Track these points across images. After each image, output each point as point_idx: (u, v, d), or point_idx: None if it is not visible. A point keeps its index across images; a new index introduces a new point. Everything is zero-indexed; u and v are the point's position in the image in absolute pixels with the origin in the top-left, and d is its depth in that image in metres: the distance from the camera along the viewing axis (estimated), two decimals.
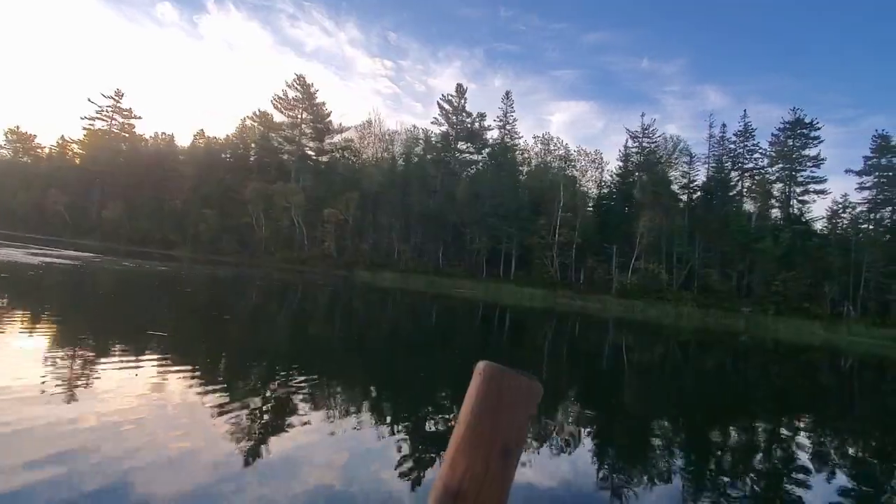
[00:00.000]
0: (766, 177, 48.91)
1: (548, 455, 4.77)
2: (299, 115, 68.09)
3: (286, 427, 4.46)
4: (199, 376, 5.90)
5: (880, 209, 41.70)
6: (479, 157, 68.95)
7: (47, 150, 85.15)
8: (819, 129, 47.61)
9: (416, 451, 4.34)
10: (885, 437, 7.85)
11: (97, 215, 70.60)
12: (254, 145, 73.39)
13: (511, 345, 14.14)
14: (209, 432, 4.04)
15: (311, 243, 59.49)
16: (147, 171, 73.89)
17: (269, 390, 5.84)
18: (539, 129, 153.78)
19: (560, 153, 70.37)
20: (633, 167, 54.14)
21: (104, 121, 75.63)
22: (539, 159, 65.80)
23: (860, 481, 5.20)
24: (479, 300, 34.46)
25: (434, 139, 69.05)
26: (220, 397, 5.08)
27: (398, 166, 62.81)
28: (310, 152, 68.32)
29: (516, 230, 47.53)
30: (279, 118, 69.09)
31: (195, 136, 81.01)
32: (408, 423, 5.19)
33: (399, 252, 54.80)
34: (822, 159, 47.70)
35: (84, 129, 75.47)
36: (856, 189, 43.84)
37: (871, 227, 41.12)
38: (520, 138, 65.29)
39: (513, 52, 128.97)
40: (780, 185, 48.11)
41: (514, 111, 65.36)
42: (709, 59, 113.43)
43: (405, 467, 3.93)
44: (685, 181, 51.19)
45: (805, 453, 5.87)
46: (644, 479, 4.46)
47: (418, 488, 3.52)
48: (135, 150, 77.39)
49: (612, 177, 56.37)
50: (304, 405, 5.24)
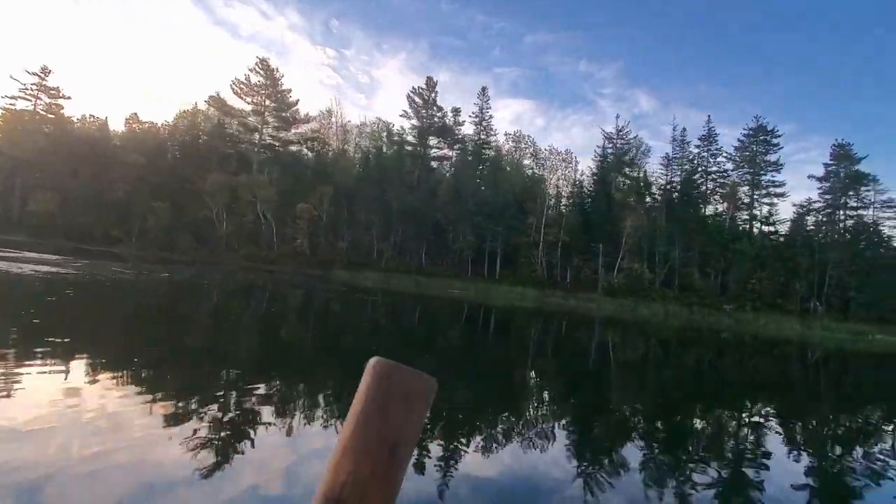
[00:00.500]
0: (735, 181, 51.75)
1: (523, 447, 4.90)
2: (262, 102, 63.38)
3: (227, 438, 4.09)
4: (118, 384, 5.34)
5: (838, 212, 45.42)
6: (452, 153, 67.93)
7: None
8: (779, 136, 51.14)
9: None
10: (838, 418, 8.86)
11: (21, 208, 61.99)
12: (206, 133, 67.56)
13: (518, 346, 14.70)
14: (132, 443, 3.79)
15: (280, 240, 55.61)
16: (82, 159, 65.83)
17: (216, 401, 5.28)
18: (454, 125, 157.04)
19: (530, 150, 71.05)
20: (609, 167, 55.26)
21: (28, 100, 66.41)
22: (509, 157, 65.89)
23: (818, 460, 5.72)
24: (473, 301, 33.46)
25: (408, 133, 67.14)
26: (149, 408, 4.60)
27: (370, 160, 60.16)
28: (274, 143, 63.76)
29: (503, 229, 46.93)
30: (239, 105, 63.98)
31: (128, 119, 73.39)
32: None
33: (378, 251, 52.50)
34: (781, 164, 51.32)
35: (2, 109, 65.81)
36: (819, 193, 47.41)
37: (831, 229, 44.59)
38: (495, 135, 64.87)
39: (457, 47, 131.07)
40: (746, 188, 51.08)
41: (489, 107, 64.70)
42: (640, 65, 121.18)
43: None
44: (662, 182, 53.00)
45: (767, 435, 6.62)
46: (615, 465, 4.64)
47: None
48: (64, 133, 68.66)
49: (589, 177, 57.25)
50: (261, 416, 4.85)
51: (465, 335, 15.87)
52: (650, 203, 48.47)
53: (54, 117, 69.29)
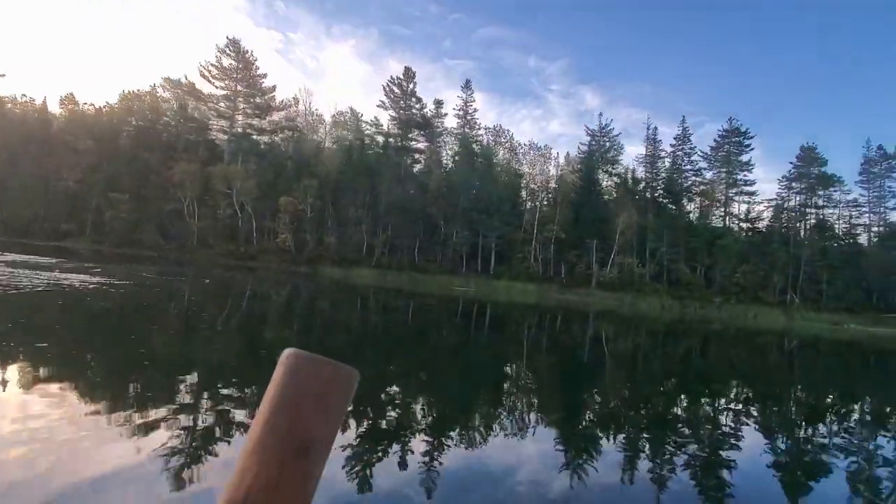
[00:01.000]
0: (712, 179, 54.49)
1: (515, 434, 5.03)
2: (234, 87, 59.05)
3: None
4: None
5: (808, 210, 49.03)
6: (434, 146, 66.75)
7: None
8: (752, 137, 54.31)
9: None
10: (808, 400, 9.87)
11: None
12: (169, 118, 62.21)
13: (544, 339, 15.46)
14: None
15: (259, 235, 52.29)
16: (20, 144, 58.57)
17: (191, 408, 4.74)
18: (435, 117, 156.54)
19: (507, 145, 71.03)
20: (595, 163, 56.37)
21: None
22: (496, 150, 65.59)
23: (788, 439, 6.19)
24: (480, 298, 32.90)
25: (387, 126, 65.18)
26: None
27: (353, 152, 57.70)
28: (250, 131, 59.70)
29: (501, 224, 46.67)
30: (207, 89, 59.24)
31: (63, 100, 66.02)
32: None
33: (368, 247, 50.64)
34: (752, 164, 54.59)
35: None
36: (792, 193, 50.83)
37: (802, 226, 48.04)
38: (480, 129, 64.35)
39: (408, 37, 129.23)
40: (721, 186, 53.89)
41: (473, 101, 64.03)
42: (587, 62, 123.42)
43: None
44: (642, 180, 54.66)
45: (744, 416, 7.21)
46: (601, 450, 4.82)
47: None
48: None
49: (570, 172, 58.07)
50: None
51: (516, 333, 16.42)
52: (639, 200, 49.93)
53: None
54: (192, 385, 5.72)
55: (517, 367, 9.90)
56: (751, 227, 49.29)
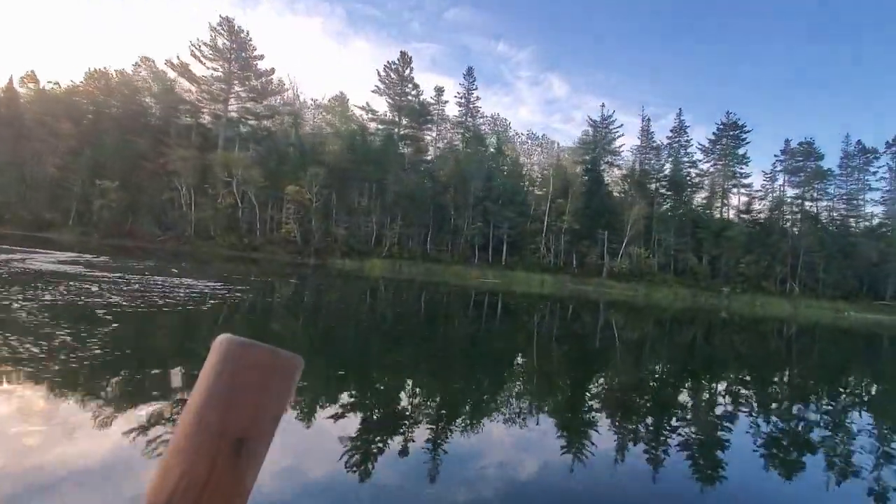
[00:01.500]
0: (711, 171, 56.00)
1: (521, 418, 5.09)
2: (228, 69, 56.00)
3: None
4: None
5: (805, 203, 51.22)
6: (433, 134, 65.80)
7: None
8: (749, 131, 56.06)
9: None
10: (798, 376, 10.54)
11: None
12: (156, 101, 58.65)
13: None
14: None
15: (261, 226, 50.35)
16: None
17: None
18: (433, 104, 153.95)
19: (506, 134, 70.76)
20: (599, 155, 56.92)
21: None
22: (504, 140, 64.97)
23: (780, 418, 6.42)
24: (503, 289, 32.93)
25: (390, 112, 63.62)
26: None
27: (356, 139, 56.04)
28: (247, 116, 56.96)
29: (514, 215, 46.61)
30: (199, 70, 55.95)
31: (24, 79, 61.17)
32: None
33: (377, 237, 49.65)
34: (749, 158, 56.43)
35: None
36: (776, 185, 52.97)
37: (801, 218, 50.09)
38: (482, 117, 63.72)
39: (375, 18, 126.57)
40: (720, 179, 55.53)
41: (475, 88, 63.14)
42: (554, 50, 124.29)
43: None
44: (654, 171, 55.56)
45: (743, 397, 7.57)
46: (604, 431, 4.98)
47: None
48: None
49: (580, 164, 58.44)
50: None
51: (548, 321, 17.20)
52: (647, 191, 50.83)
53: None
54: None
55: (543, 353, 10.26)
56: (751, 219, 51.14)
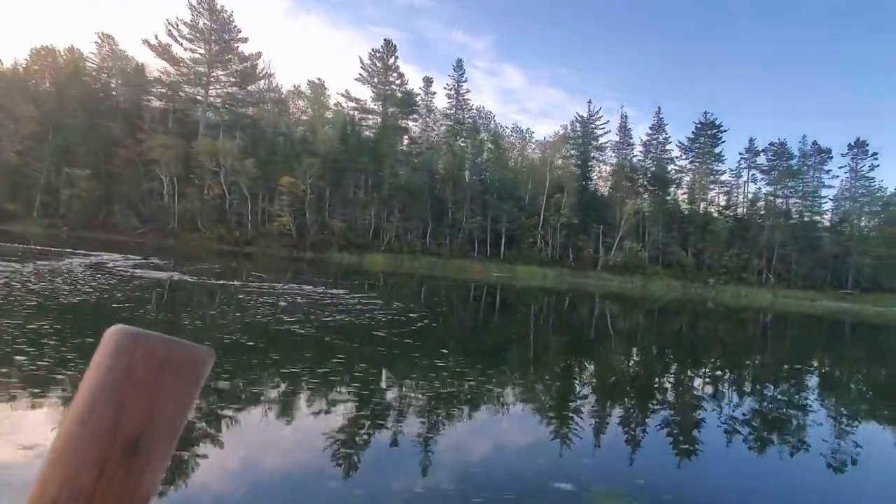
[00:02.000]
0: (690, 168, 58.88)
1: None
2: (209, 51, 52.68)
3: None
4: None
5: (777, 200, 54.99)
6: (416, 126, 65.06)
7: None
8: (725, 131, 59.30)
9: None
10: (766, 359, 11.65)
11: None
12: (125, 83, 54.46)
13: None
14: None
15: (253, 218, 48.22)
16: None
17: None
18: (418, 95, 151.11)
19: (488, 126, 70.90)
20: (588, 151, 58.42)
21: None
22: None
23: (753, 397, 7.16)
24: (508, 283, 33.63)
25: (372, 102, 62.24)
26: None
27: (347, 129, 54.51)
28: (232, 103, 53.90)
29: (512, 208, 47.19)
30: (176, 52, 52.28)
31: None
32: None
33: (376, 230, 48.82)
34: (724, 157, 59.77)
35: None
36: (765, 184, 56.59)
37: (774, 215, 53.67)
38: (471, 110, 63.51)
39: None
40: (698, 176, 58.48)
41: (465, 80, 62.83)
42: (512, 40, 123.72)
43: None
44: (643, 168, 57.59)
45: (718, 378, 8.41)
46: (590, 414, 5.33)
47: None
48: None
49: (570, 160, 59.69)
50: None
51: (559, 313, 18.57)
52: (637, 187, 52.82)
53: None
54: None
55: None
56: (730, 214, 54.41)
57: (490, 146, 52.44)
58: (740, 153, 60.90)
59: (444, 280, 30.78)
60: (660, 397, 6.61)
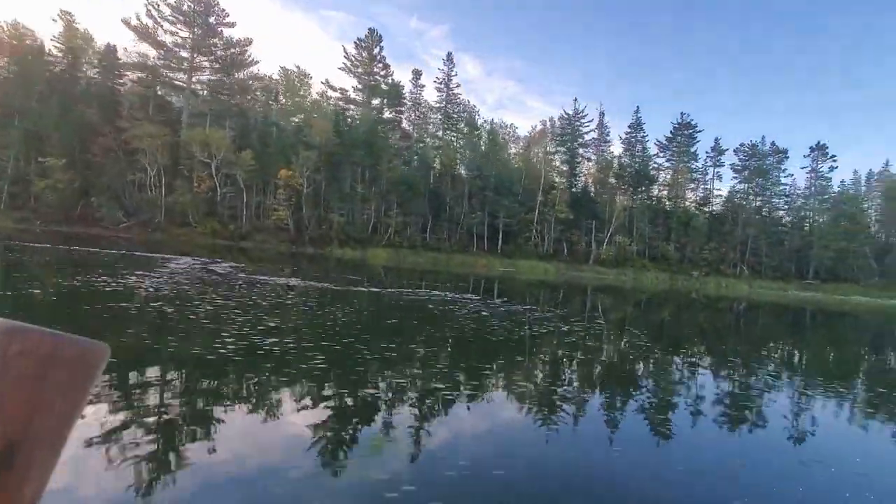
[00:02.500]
0: (669, 166, 62.00)
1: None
2: (191, 34, 49.82)
3: None
4: None
5: (750, 196, 58.98)
6: (402, 118, 64.57)
7: None
8: (700, 131, 62.79)
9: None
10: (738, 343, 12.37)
11: None
12: (101, 67, 50.73)
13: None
14: None
15: (247, 212, 46.50)
16: None
17: None
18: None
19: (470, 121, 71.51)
20: (575, 148, 60.22)
21: None
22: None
23: (726, 379, 7.42)
24: (520, 277, 34.73)
25: (356, 92, 61.20)
26: None
27: (340, 121, 53.35)
28: (220, 91, 51.31)
29: (517, 205, 48.17)
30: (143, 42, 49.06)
31: None
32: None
33: (374, 226, 48.39)
34: (699, 156, 63.38)
35: None
36: (737, 182, 60.48)
37: (746, 210, 57.66)
38: (461, 104, 63.64)
39: None
40: (678, 174, 61.70)
41: (455, 74, 62.85)
42: (468, 29, 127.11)
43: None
44: (627, 165, 59.98)
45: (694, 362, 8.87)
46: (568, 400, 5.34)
47: None
48: None
49: (558, 157, 61.28)
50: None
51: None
52: (635, 187, 55.16)
53: None
54: None
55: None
56: (707, 210, 57.96)
57: (486, 141, 53.00)
58: (707, 152, 64.96)
59: (459, 275, 31.13)
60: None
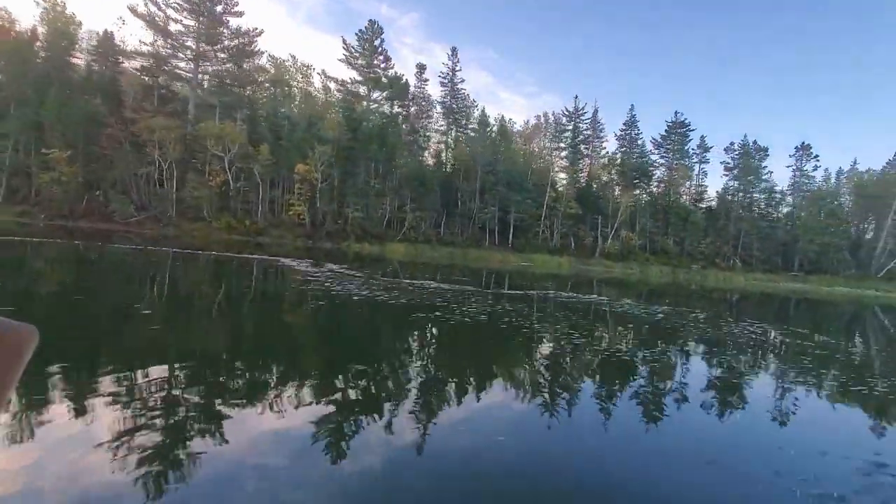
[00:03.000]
0: (663, 163, 64.58)
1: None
2: (197, 22, 48.37)
3: None
4: None
5: (740, 193, 62.17)
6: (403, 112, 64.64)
7: None
8: (693, 130, 65.51)
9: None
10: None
11: None
12: (90, 54, 48.77)
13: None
14: None
15: (263, 207, 45.95)
16: None
17: None
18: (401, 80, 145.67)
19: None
20: (579, 145, 61.93)
21: None
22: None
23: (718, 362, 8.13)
24: (536, 271, 36.14)
25: (371, 85, 60.79)
26: None
27: (350, 114, 53.07)
28: (229, 82, 50.06)
29: (530, 200, 49.39)
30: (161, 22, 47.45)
31: None
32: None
33: (389, 220, 48.67)
34: (690, 153, 66.11)
35: None
36: (729, 179, 63.59)
37: (738, 206, 60.81)
38: (464, 99, 64.11)
39: None
40: (674, 171, 64.32)
41: (459, 69, 63.22)
42: (439, 18, 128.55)
43: None
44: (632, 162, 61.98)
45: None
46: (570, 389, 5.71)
47: None
48: None
49: (559, 150, 62.83)
50: None
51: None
52: (640, 184, 57.28)
53: None
54: None
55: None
56: (703, 206, 60.90)
57: (499, 137, 53.90)
58: (692, 150, 67.97)
59: (489, 269, 32.25)
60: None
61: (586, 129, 65.85)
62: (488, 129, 54.40)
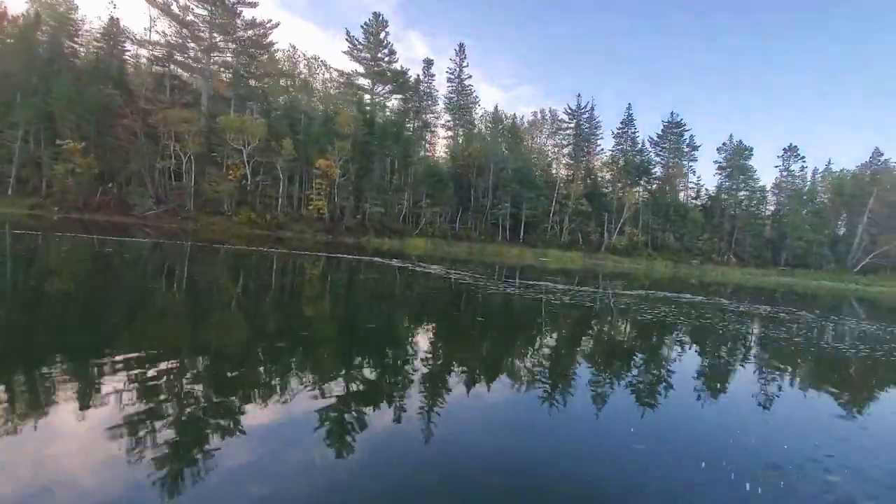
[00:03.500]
0: (660, 161, 67.22)
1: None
2: (210, 13, 47.51)
3: None
4: None
5: (733, 191, 65.34)
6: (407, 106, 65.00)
7: None
8: (688, 130, 68.33)
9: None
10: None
11: None
12: (96, 43, 47.33)
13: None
14: None
15: (284, 202, 45.86)
16: None
17: None
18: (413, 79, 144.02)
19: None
20: (583, 143, 63.78)
21: None
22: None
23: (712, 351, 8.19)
24: (552, 266, 37.84)
25: (376, 80, 60.83)
26: None
27: (364, 110, 53.22)
28: (245, 74, 49.34)
29: (542, 196, 50.89)
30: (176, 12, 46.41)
31: None
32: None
33: (405, 216, 49.33)
34: (684, 152, 68.96)
35: None
36: (719, 177, 66.83)
37: (733, 203, 63.91)
38: (472, 95, 64.90)
39: None
40: (672, 169, 67.02)
41: (467, 65, 63.94)
42: (415, 5, 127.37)
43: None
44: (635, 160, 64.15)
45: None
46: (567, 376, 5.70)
47: None
48: None
49: (564, 147, 64.50)
50: None
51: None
52: (643, 181, 59.51)
53: None
54: None
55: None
56: (699, 204, 63.87)
57: (509, 134, 55.08)
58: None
59: (510, 265, 33.41)
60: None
61: (585, 127, 67.82)
62: (501, 126, 55.51)
